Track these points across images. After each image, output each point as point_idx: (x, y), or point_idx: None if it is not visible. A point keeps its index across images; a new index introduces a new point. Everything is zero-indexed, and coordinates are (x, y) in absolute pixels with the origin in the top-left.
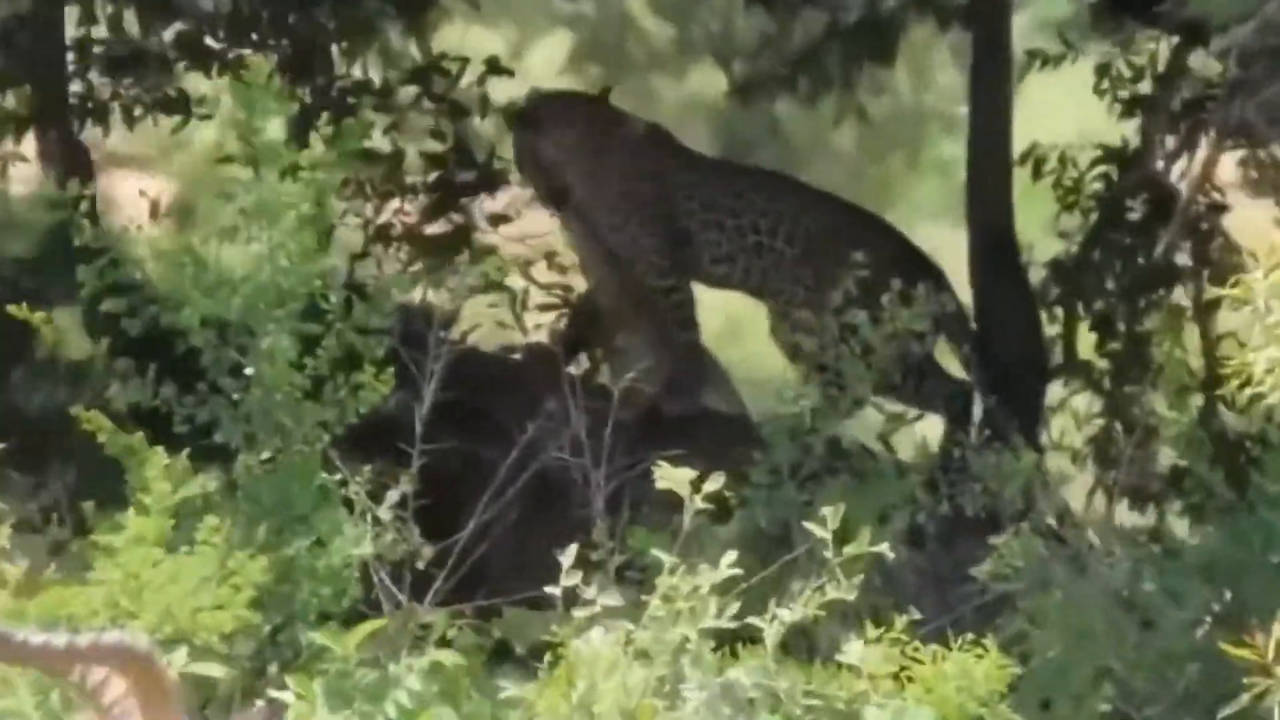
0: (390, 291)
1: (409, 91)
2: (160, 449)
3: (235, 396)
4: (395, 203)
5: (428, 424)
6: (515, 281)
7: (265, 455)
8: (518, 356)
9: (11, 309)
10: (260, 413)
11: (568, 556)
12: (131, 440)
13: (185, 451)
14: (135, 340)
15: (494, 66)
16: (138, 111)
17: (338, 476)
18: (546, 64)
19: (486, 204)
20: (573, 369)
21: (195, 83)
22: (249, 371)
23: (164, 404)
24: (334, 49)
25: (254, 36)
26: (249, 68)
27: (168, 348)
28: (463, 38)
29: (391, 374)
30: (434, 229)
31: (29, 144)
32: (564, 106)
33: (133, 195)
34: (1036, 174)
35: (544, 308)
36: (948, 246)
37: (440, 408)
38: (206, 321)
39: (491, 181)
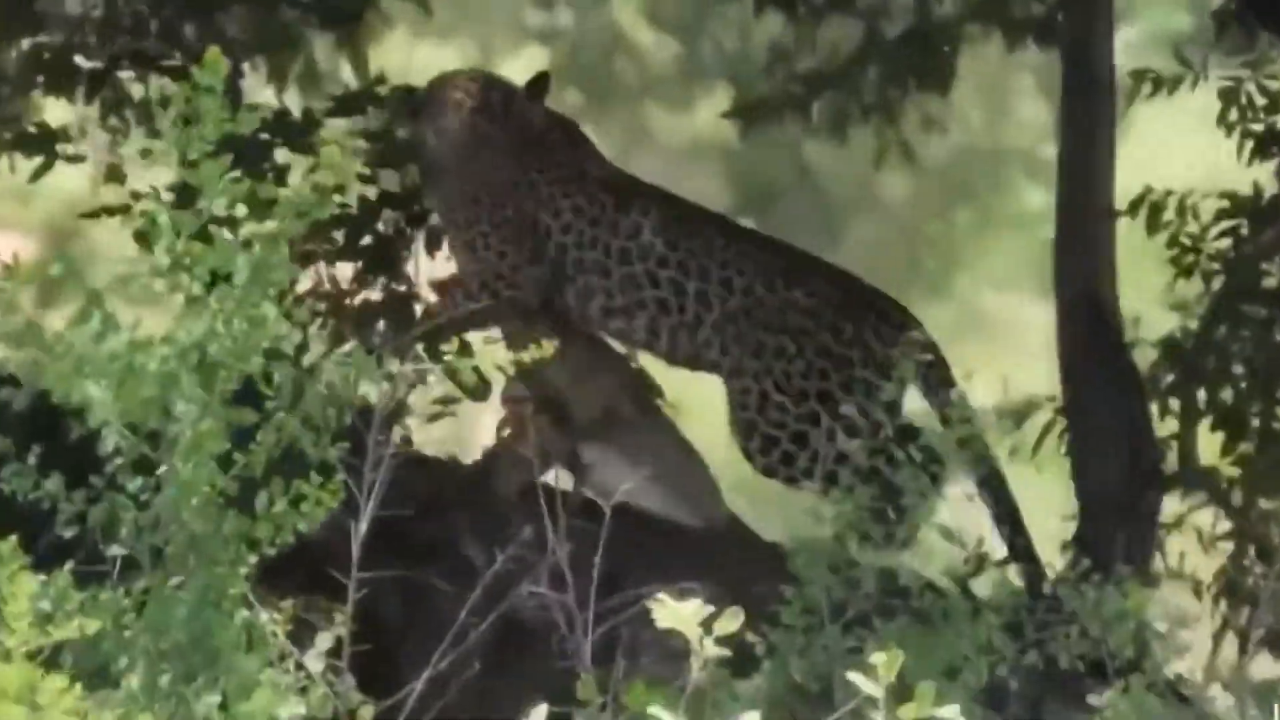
0: (354, 376)
1: (337, 125)
2: (28, 569)
3: (141, 497)
4: (320, 265)
5: (365, 548)
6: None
7: (175, 580)
8: (478, 462)
9: None
10: (171, 520)
11: (536, 716)
12: None
13: (67, 566)
14: (13, 418)
15: None
16: None
17: (261, 615)
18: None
19: (431, 265)
20: (549, 478)
21: (58, 113)
22: (162, 468)
23: (47, 500)
24: (242, 70)
25: (138, 53)
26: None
27: (56, 428)
28: (408, 57)
29: (340, 484)
30: (367, 296)
31: None
32: (459, 87)
33: None
34: (1152, 227)
35: (509, 401)
36: (1031, 320)
37: (381, 528)
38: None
39: (435, 237)
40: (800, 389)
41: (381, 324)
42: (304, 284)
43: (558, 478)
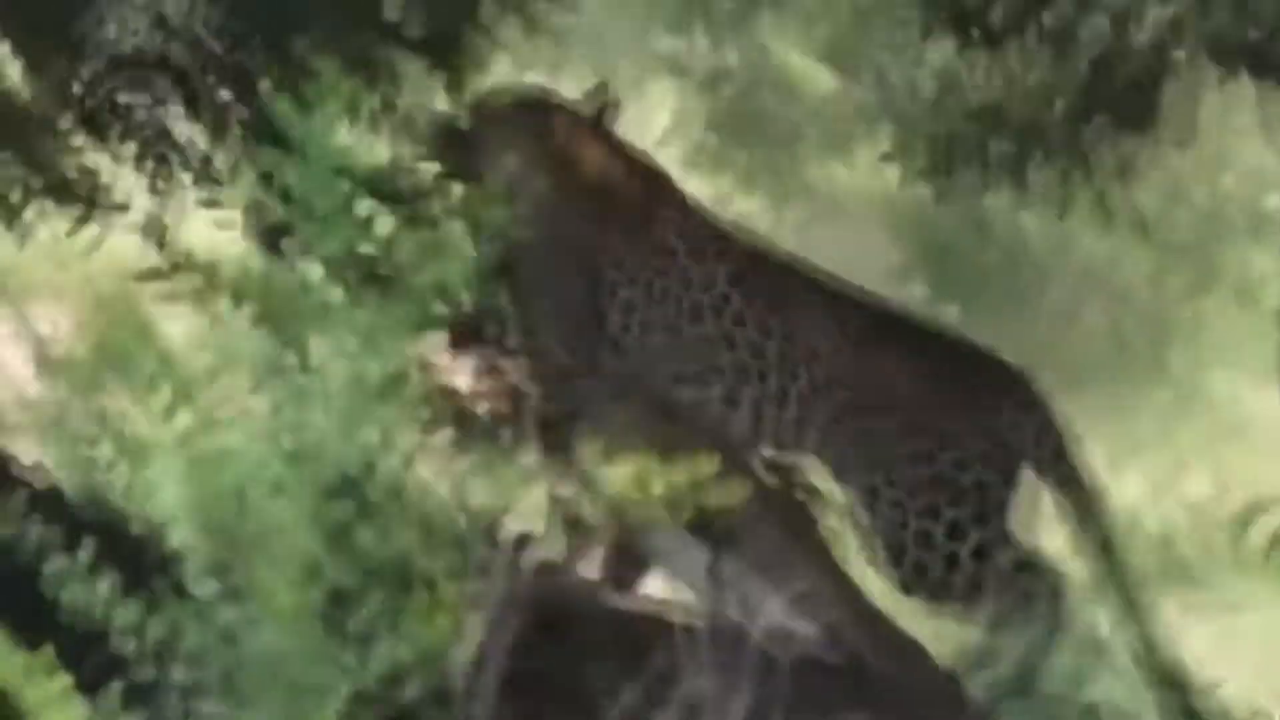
0: (484, 483)
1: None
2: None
3: (212, 608)
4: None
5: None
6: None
7: (249, 713)
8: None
9: None
10: (248, 638)
11: None
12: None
13: (118, 687)
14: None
15: None
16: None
17: None
18: (641, 130)
19: None
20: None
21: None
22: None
23: (100, 607)
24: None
25: (193, 88)
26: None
27: (112, 520)
28: None
29: (457, 608)
30: (470, 382)
31: None
32: (512, 116)
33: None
34: None
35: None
36: (1259, 404)
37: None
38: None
39: None
40: (911, 479)
41: (485, 409)
42: None
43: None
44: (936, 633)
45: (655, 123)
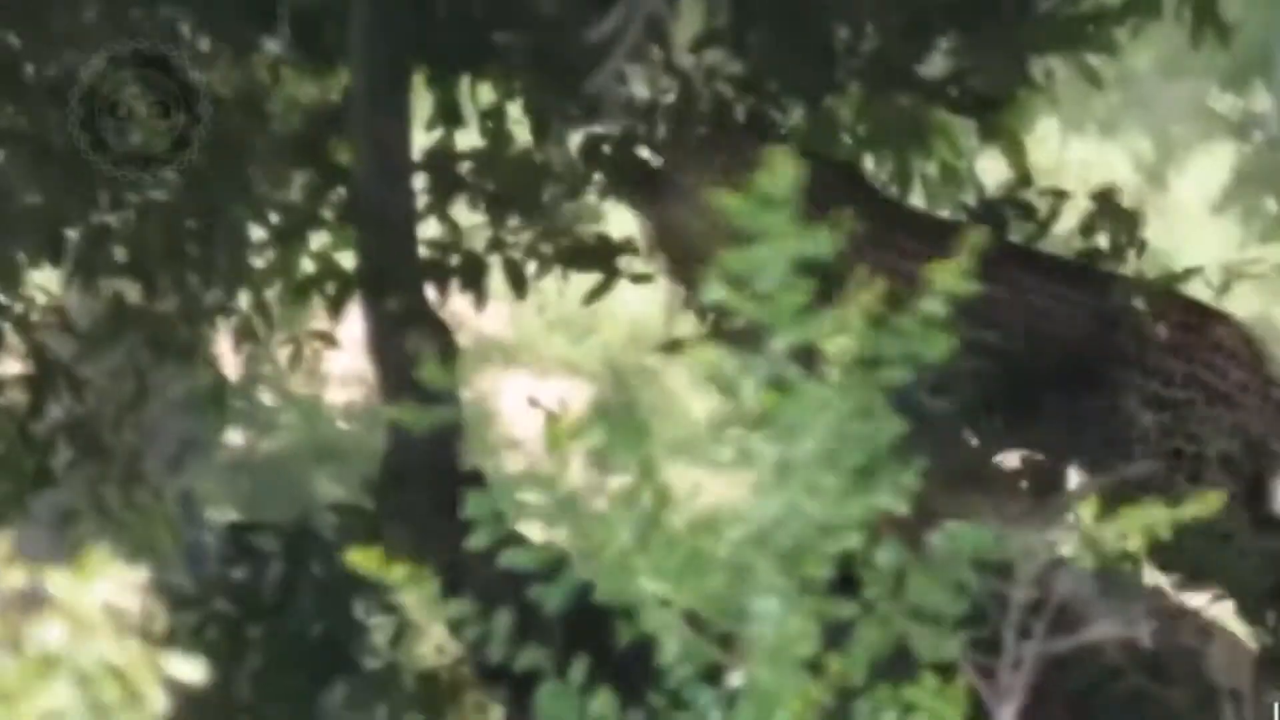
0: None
1: None
2: None
3: (710, 716)
4: None
5: None
6: None
7: None
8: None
9: None
10: None
11: None
12: None
13: None
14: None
15: (1107, 201)
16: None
17: None
18: (1200, 193)
19: None
20: None
21: None
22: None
23: None
24: None
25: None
26: None
27: (602, 633)
28: (1059, 152)
29: (963, 689)
30: None
31: None
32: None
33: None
34: None
35: None
36: None
37: None
38: None
39: None
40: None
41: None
42: None
43: None
44: None
45: (1213, 184)
